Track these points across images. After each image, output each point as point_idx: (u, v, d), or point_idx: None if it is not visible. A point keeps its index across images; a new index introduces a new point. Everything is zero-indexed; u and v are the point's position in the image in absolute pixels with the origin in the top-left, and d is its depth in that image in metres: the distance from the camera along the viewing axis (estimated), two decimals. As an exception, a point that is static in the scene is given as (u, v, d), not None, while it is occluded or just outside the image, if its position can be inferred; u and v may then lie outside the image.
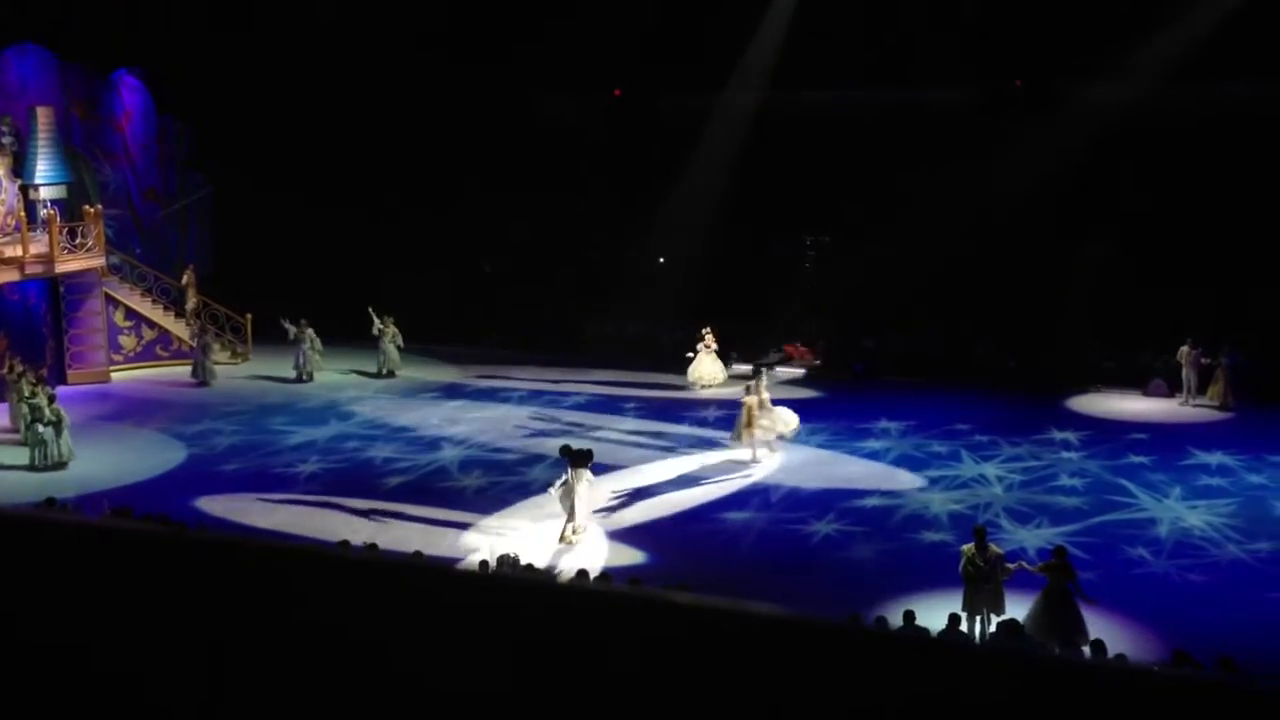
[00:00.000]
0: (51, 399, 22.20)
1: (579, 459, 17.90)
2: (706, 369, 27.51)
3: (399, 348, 28.93)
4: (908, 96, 30.91)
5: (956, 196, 29.60)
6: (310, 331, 28.48)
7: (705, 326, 27.71)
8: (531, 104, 34.29)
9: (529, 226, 35.31)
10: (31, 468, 21.37)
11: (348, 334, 29.65)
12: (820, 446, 22.79)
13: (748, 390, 22.14)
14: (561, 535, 17.69)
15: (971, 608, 14.11)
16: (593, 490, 18.07)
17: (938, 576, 15.55)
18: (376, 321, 28.78)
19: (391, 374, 28.73)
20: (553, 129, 34.22)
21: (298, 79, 32.45)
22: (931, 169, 29.89)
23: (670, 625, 4.19)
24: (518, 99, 34.33)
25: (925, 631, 12.69)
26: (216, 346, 29.67)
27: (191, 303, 30.52)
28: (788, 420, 22.20)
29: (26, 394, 22.55)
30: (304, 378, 28.31)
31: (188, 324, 29.80)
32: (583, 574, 14.08)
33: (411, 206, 33.89)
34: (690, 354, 27.87)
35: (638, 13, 31.98)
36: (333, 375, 28.71)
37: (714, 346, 27.59)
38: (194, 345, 28.64)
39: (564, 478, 17.76)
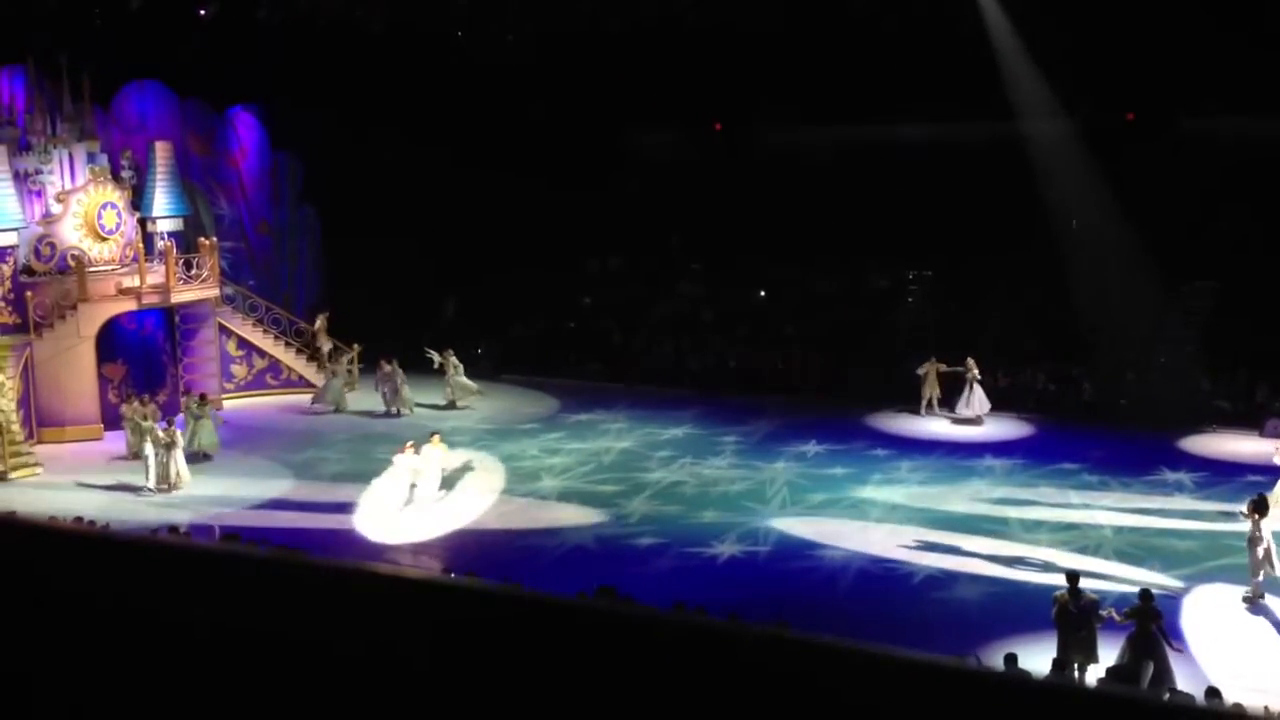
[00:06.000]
0: (170, 423, 23.22)
1: (1262, 508, 16.84)
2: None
3: (463, 377, 28.75)
4: (1009, 128, 30.55)
5: (1059, 230, 29.20)
6: (453, 359, 28.68)
7: (968, 357, 26.50)
8: (628, 137, 34.65)
9: (625, 261, 35.63)
10: (149, 489, 22.23)
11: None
12: (922, 484, 22.45)
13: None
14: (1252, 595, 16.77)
15: (1065, 655, 13.72)
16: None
17: (1044, 619, 15.17)
18: (436, 357, 28.85)
19: (455, 405, 28.55)
20: (649, 161, 34.51)
21: (406, 114, 33.22)
22: (1035, 201, 29.51)
23: (766, 659, 4.14)
24: (615, 132, 34.74)
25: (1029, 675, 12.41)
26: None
27: (326, 347, 30.70)
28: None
29: (140, 418, 23.83)
30: (453, 404, 28.49)
31: (319, 368, 30.25)
32: None
33: (512, 240, 34.34)
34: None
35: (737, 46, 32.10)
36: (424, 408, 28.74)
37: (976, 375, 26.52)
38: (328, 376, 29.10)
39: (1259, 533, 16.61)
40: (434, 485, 21.77)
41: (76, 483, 23.05)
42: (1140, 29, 28.34)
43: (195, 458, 23.83)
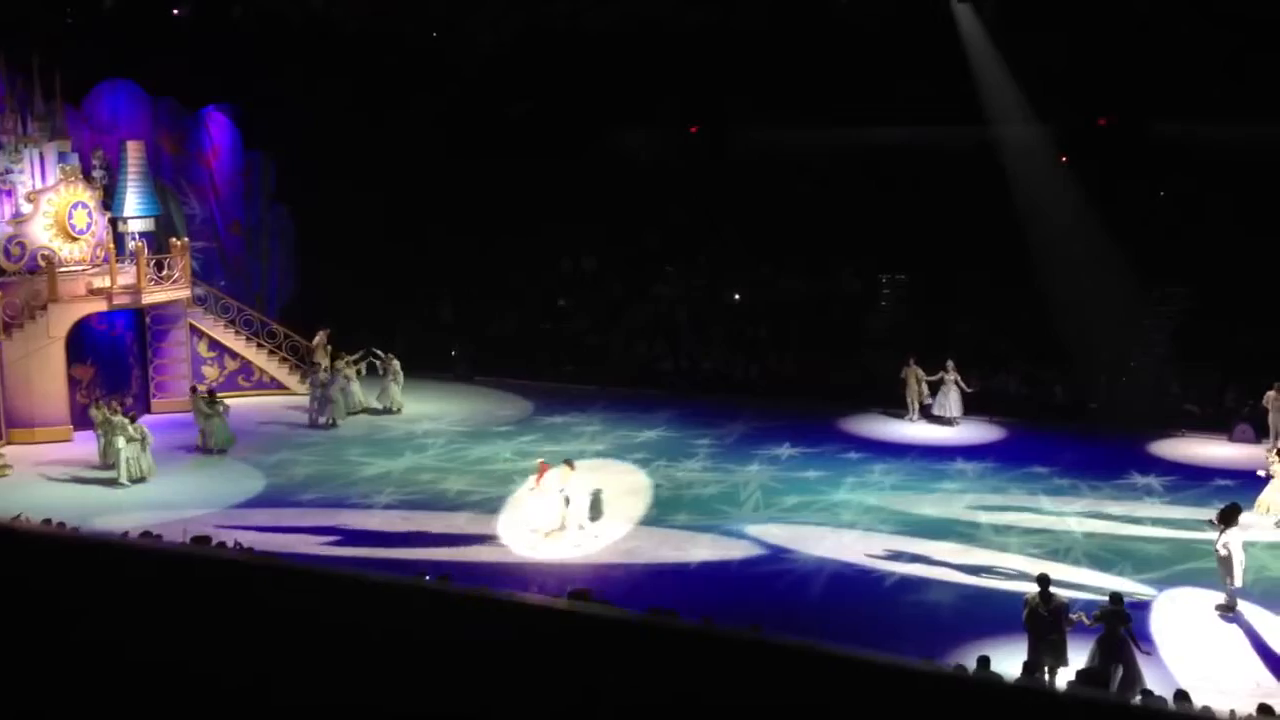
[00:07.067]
0: (133, 419, 23.30)
1: (1229, 517, 16.58)
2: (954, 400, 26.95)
3: (399, 386, 28.64)
4: (983, 132, 30.72)
5: (1032, 235, 29.38)
6: (395, 364, 28.60)
7: (948, 359, 26.95)
8: (606, 137, 34.65)
9: (601, 260, 35.63)
10: (119, 483, 22.47)
11: (429, 367, 29.88)
12: (894, 487, 22.53)
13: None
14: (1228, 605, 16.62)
15: (1035, 659, 13.80)
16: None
17: (1015, 622, 15.26)
18: (381, 360, 28.70)
19: (390, 410, 28.41)
20: (626, 163, 34.52)
21: (379, 112, 33.13)
22: (1007, 205, 29.70)
23: (737, 660, 4.15)
24: (594, 133, 34.73)
25: (1001, 678, 12.46)
26: (298, 379, 30.17)
27: (324, 363, 29.88)
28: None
29: (109, 417, 23.59)
30: (389, 409, 28.42)
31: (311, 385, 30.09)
32: None
33: (487, 238, 34.32)
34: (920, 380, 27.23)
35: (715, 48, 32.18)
36: (414, 407, 28.73)
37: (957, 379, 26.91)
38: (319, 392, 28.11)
39: (1223, 539, 16.38)
40: (585, 514, 19.83)
41: (46, 479, 23.02)
42: (1114, 34, 28.59)
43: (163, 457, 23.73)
